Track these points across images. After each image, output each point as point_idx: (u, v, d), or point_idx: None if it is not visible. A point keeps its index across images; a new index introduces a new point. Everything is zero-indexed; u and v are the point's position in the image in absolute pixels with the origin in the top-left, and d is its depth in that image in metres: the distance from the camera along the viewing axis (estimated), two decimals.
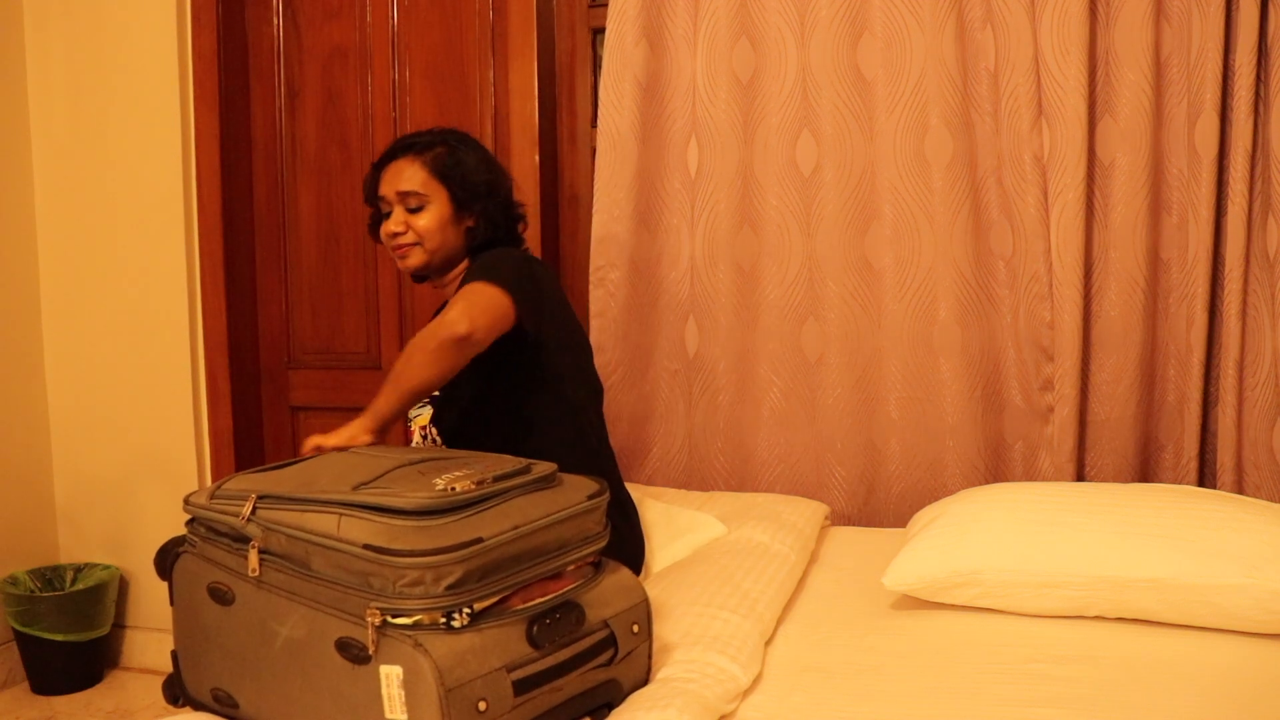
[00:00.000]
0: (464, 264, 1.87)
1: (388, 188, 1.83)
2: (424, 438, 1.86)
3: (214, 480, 2.82)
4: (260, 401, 2.94)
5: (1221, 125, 2.06)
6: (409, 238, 1.82)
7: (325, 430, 1.54)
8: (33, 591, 2.73)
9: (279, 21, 2.82)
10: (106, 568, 2.84)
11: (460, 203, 1.82)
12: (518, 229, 1.92)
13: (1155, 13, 2.10)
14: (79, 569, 2.85)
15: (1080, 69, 2.09)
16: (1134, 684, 1.38)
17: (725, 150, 2.34)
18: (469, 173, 1.82)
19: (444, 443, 1.82)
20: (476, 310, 1.59)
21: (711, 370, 2.41)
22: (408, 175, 1.81)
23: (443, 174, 1.81)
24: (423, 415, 1.87)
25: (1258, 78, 2.03)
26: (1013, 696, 1.35)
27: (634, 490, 2.02)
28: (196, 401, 2.83)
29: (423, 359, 1.56)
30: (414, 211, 1.81)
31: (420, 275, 1.88)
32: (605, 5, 2.43)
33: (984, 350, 2.27)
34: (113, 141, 2.79)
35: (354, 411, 1.63)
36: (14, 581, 2.74)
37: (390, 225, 1.83)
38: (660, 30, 2.37)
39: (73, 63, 2.80)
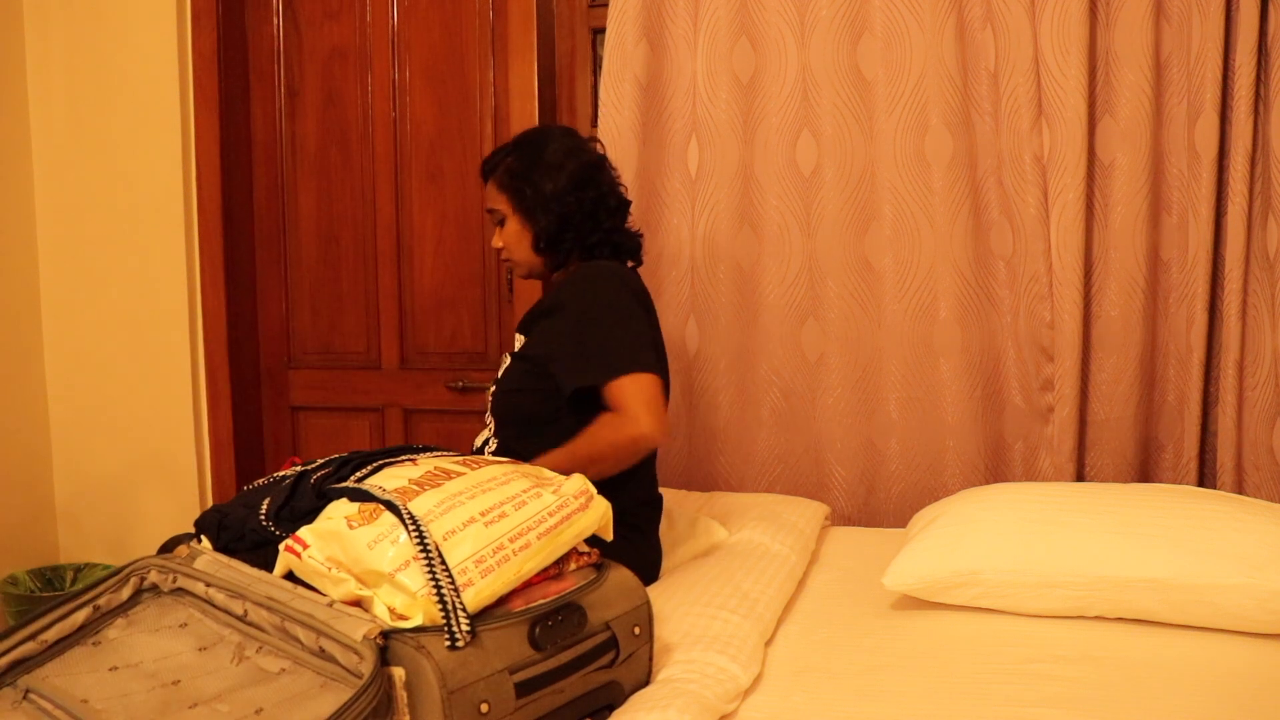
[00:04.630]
0: (569, 263, 1.88)
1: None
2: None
3: (213, 480, 2.83)
4: (260, 401, 2.94)
5: (1221, 125, 2.06)
6: (504, 252, 1.92)
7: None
8: (33, 591, 2.73)
9: (279, 22, 2.82)
10: (106, 568, 2.84)
11: (527, 214, 1.85)
12: (605, 217, 1.85)
13: (1155, 13, 2.10)
14: (79, 569, 2.84)
15: (1080, 69, 2.10)
16: (1134, 684, 1.38)
17: (725, 150, 2.34)
18: (525, 184, 1.84)
19: (496, 453, 1.76)
20: (655, 407, 1.67)
21: (711, 370, 2.41)
22: (487, 192, 1.91)
23: (506, 188, 1.86)
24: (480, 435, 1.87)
25: (1258, 78, 2.03)
26: (1013, 696, 1.35)
27: None
28: (196, 401, 2.83)
29: (614, 458, 1.67)
30: (500, 225, 1.90)
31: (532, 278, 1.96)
32: (605, 5, 2.43)
33: (984, 350, 2.27)
34: (113, 142, 2.79)
35: (354, 411, 1.62)
36: (14, 581, 2.74)
37: (493, 240, 1.94)
38: (660, 30, 2.37)
39: (73, 63, 2.79)
